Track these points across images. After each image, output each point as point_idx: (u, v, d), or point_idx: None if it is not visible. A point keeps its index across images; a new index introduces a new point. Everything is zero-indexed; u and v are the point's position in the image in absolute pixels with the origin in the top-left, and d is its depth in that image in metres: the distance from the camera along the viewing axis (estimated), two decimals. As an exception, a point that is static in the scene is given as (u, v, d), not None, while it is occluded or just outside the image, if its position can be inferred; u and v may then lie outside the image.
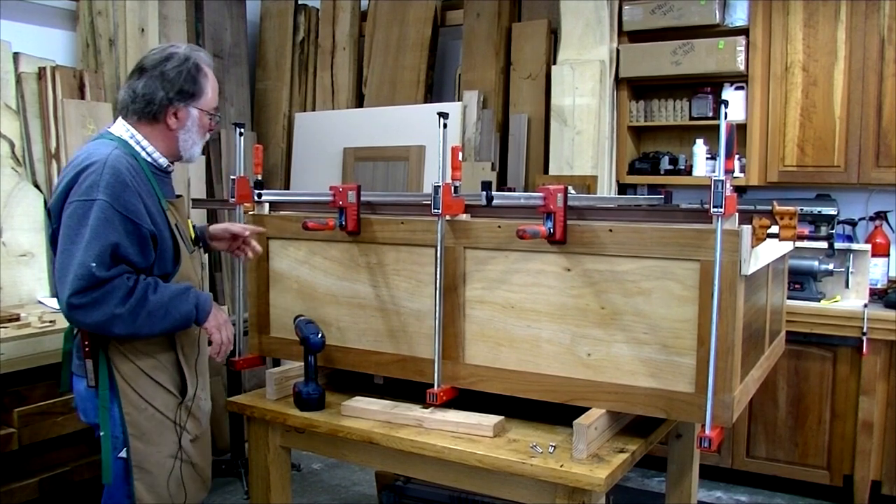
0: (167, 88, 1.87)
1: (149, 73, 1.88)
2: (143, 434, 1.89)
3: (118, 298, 1.75)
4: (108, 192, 1.76)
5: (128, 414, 1.86)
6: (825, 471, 3.48)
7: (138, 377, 1.87)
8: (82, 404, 1.94)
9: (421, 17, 4.72)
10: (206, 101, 1.94)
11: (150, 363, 1.88)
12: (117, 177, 1.78)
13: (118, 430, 1.86)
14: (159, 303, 1.81)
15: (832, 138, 3.68)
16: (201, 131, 1.97)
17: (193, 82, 1.90)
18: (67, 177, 1.80)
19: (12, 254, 3.31)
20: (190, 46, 1.97)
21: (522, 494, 1.82)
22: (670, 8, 3.95)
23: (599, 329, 1.86)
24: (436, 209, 1.95)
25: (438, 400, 2.00)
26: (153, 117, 1.90)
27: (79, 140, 3.57)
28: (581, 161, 4.12)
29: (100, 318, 1.74)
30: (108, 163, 1.79)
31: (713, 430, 1.71)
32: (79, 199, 1.75)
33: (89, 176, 1.77)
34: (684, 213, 2.05)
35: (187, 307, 1.87)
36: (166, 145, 1.94)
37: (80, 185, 1.76)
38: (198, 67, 1.91)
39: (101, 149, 1.83)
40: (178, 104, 1.89)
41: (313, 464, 3.98)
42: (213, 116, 1.98)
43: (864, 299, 3.47)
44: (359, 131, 4.63)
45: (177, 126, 1.91)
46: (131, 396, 1.86)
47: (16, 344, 2.51)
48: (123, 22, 3.92)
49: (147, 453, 1.89)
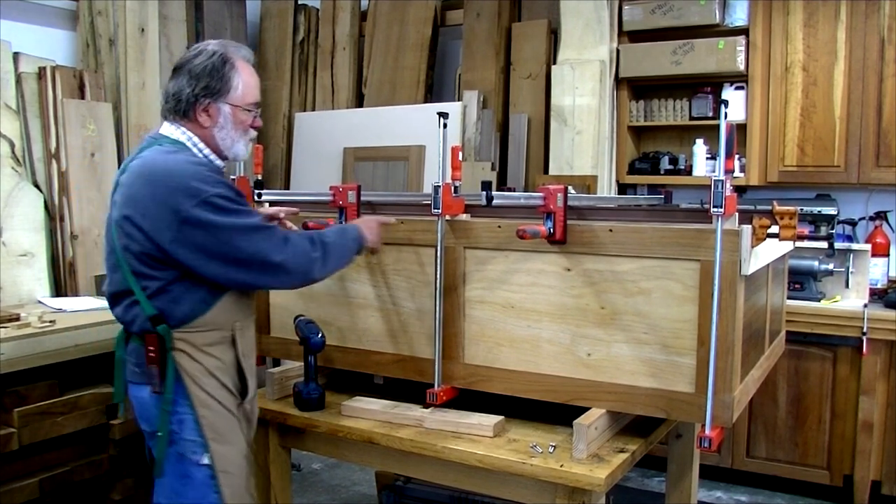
0: (192, 84, 1.81)
1: (178, 72, 1.83)
2: (221, 435, 1.82)
3: (307, 245, 1.81)
4: (215, 183, 1.73)
5: (203, 416, 1.79)
6: (825, 471, 3.47)
7: (205, 377, 1.80)
8: (145, 412, 1.86)
9: (421, 17, 4.72)
10: (237, 96, 1.84)
11: (213, 363, 1.82)
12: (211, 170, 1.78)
13: (195, 435, 1.79)
14: (334, 244, 1.88)
15: (832, 138, 3.68)
16: (240, 128, 1.87)
17: (220, 77, 1.81)
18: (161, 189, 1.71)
19: (12, 254, 3.31)
20: (224, 42, 1.89)
21: (522, 494, 1.83)
22: (670, 8, 3.95)
23: (599, 329, 1.86)
24: (436, 209, 1.95)
25: (438, 400, 2.00)
26: (185, 115, 1.83)
27: (79, 140, 3.58)
28: (581, 161, 4.12)
29: (309, 268, 1.81)
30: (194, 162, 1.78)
31: (713, 430, 1.71)
32: (194, 204, 1.69)
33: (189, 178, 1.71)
34: (684, 213, 2.05)
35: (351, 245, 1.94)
36: (208, 144, 1.87)
37: (186, 190, 1.70)
38: (225, 61, 1.82)
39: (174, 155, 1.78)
40: (205, 100, 1.82)
41: (313, 464, 3.98)
42: (251, 112, 1.89)
43: (864, 299, 3.47)
44: (359, 131, 4.63)
45: (210, 124, 1.84)
46: (202, 397, 1.80)
47: (16, 344, 2.50)
48: (123, 22, 3.92)
49: (227, 455, 1.83)
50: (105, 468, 2.78)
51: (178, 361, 1.78)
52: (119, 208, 1.77)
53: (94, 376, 2.81)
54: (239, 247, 1.72)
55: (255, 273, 1.76)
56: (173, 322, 1.77)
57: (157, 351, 1.77)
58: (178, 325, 1.77)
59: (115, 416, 2.78)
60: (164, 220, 1.70)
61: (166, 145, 1.82)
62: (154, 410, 1.82)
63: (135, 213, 1.73)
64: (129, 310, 1.80)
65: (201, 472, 1.81)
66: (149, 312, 1.76)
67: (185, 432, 1.79)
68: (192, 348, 1.79)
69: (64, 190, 3.53)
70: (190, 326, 1.78)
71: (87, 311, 2.97)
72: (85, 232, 3.58)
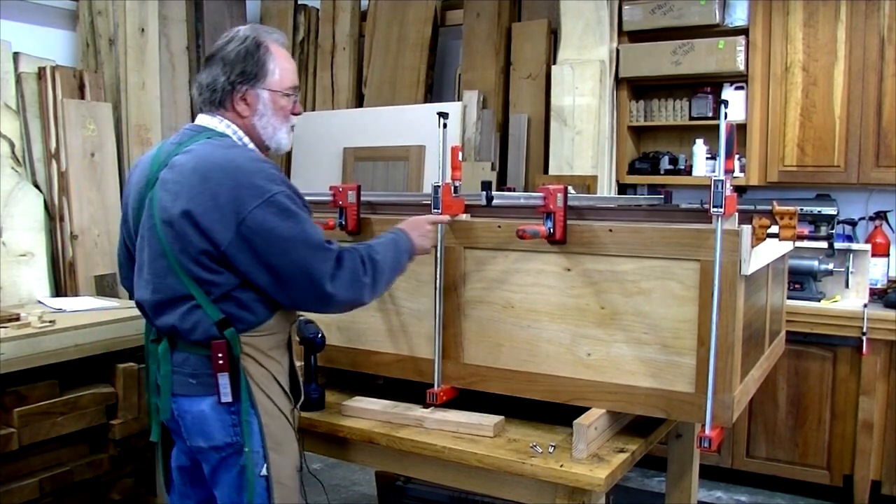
0: (227, 72, 1.70)
1: (211, 61, 1.73)
2: (279, 444, 1.72)
3: (359, 269, 1.69)
4: (279, 181, 1.64)
5: (266, 425, 1.69)
6: (825, 471, 3.47)
7: (270, 383, 1.72)
8: (203, 426, 1.70)
9: (421, 17, 4.72)
10: (274, 80, 1.74)
11: (276, 367, 1.73)
12: (272, 166, 1.67)
13: (259, 444, 1.69)
14: (384, 262, 1.76)
15: (832, 138, 3.68)
16: (280, 114, 1.77)
17: (255, 61, 1.71)
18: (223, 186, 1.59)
19: (12, 254, 3.31)
20: (256, 26, 1.78)
21: (522, 494, 1.82)
22: (670, 8, 3.95)
23: (599, 329, 1.86)
24: (436, 209, 1.95)
25: (438, 400, 2.00)
26: (222, 105, 1.73)
27: (79, 140, 3.58)
28: (581, 161, 4.12)
29: (358, 293, 1.68)
30: (254, 158, 1.68)
31: (713, 430, 1.71)
32: (261, 200, 1.59)
33: (253, 176, 1.61)
34: (684, 213, 2.05)
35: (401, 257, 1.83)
36: (250, 135, 1.77)
37: (250, 188, 1.59)
38: (258, 44, 1.72)
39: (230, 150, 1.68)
40: (242, 87, 1.71)
41: (313, 464, 3.98)
42: (290, 96, 1.78)
43: (864, 299, 3.47)
44: (359, 131, 4.63)
45: (248, 112, 1.74)
46: (266, 405, 1.70)
47: (16, 344, 2.50)
48: (123, 22, 3.92)
49: (283, 465, 1.74)
50: (105, 468, 2.78)
51: (246, 367, 1.67)
52: (169, 206, 1.63)
53: (94, 376, 2.81)
54: (295, 261, 1.61)
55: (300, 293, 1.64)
56: (241, 326, 1.67)
57: (226, 358, 1.65)
58: (246, 330, 1.68)
59: (115, 416, 2.78)
60: (225, 221, 1.59)
61: (215, 138, 1.71)
62: (215, 423, 1.69)
63: (194, 211, 1.60)
64: (188, 316, 1.66)
65: (259, 484, 1.70)
66: (215, 317, 1.64)
67: (249, 443, 1.68)
68: (259, 353, 1.69)
69: (64, 190, 3.53)
70: (256, 331, 1.69)
71: (87, 311, 2.97)
72: (85, 232, 3.58)
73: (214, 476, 1.75)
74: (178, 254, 1.63)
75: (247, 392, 1.67)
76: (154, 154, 1.76)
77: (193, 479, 1.86)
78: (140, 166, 1.79)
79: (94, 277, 3.58)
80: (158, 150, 1.77)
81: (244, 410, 1.67)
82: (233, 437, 1.69)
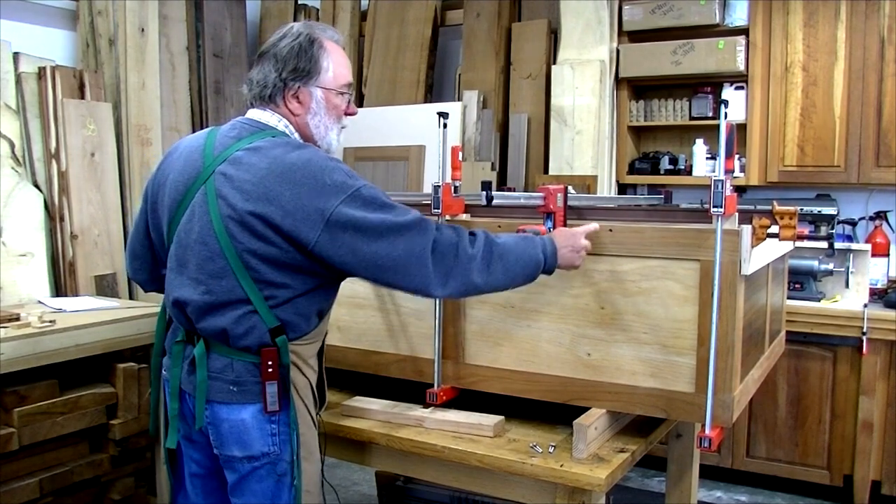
0: (279, 68, 1.66)
1: (263, 57, 1.69)
2: (310, 453, 1.70)
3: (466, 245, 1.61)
4: (354, 176, 1.60)
5: (302, 434, 1.66)
6: (825, 471, 3.47)
7: (308, 391, 1.69)
8: (241, 436, 1.64)
9: (421, 17, 4.72)
10: (328, 78, 1.69)
11: (313, 375, 1.71)
12: (342, 162, 1.63)
13: (293, 454, 1.66)
14: (503, 246, 1.65)
15: (832, 138, 3.68)
16: (333, 113, 1.72)
17: (309, 58, 1.66)
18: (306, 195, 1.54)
19: (12, 254, 3.31)
20: (310, 23, 1.73)
21: (522, 494, 1.82)
22: (670, 8, 3.95)
23: (599, 329, 1.86)
24: (436, 209, 1.95)
25: (438, 400, 2.00)
26: (273, 102, 1.69)
27: (79, 140, 3.58)
28: (581, 161, 4.12)
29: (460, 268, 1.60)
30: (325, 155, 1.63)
31: (713, 429, 1.71)
32: (342, 200, 1.54)
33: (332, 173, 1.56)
34: (684, 213, 2.05)
35: (533, 253, 1.69)
36: (302, 135, 1.72)
37: (331, 188, 1.55)
38: (312, 41, 1.67)
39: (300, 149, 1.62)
40: (294, 84, 1.67)
41: (313, 464, 3.98)
42: (345, 95, 1.73)
43: (864, 299, 3.47)
44: (359, 131, 4.62)
45: (301, 111, 1.69)
46: (304, 414, 1.67)
47: (16, 344, 2.50)
48: (123, 22, 3.92)
49: (311, 474, 1.71)
50: (105, 468, 2.78)
51: (291, 376, 1.64)
52: (239, 205, 1.56)
53: (94, 376, 2.81)
54: (391, 246, 1.55)
55: (406, 276, 1.58)
56: (294, 335, 1.64)
57: (276, 366, 1.61)
58: (297, 338, 1.65)
59: (115, 416, 2.78)
60: (310, 220, 1.53)
61: (279, 137, 1.66)
62: (256, 432, 1.64)
63: (273, 213, 1.54)
64: (242, 321, 1.60)
65: (290, 495, 1.67)
66: (271, 324, 1.60)
67: (285, 452, 1.66)
68: (301, 361, 1.67)
69: (64, 190, 3.53)
70: (302, 338, 1.66)
71: (87, 311, 2.97)
72: (85, 232, 3.58)
73: (242, 485, 1.69)
74: (244, 254, 1.57)
75: (288, 402, 1.64)
76: (203, 144, 1.68)
77: (207, 489, 1.82)
78: (183, 154, 1.71)
79: (94, 277, 3.58)
80: (208, 139, 1.69)
81: (289, 420, 1.64)
82: (270, 447, 1.65)
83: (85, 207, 3.59)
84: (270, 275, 1.58)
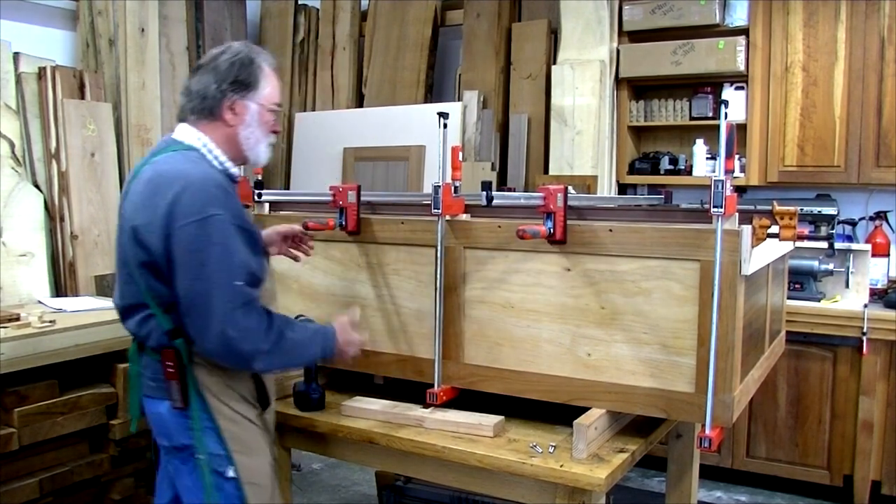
0: (219, 80, 1.76)
1: (202, 69, 1.79)
2: (247, 447, 1.79)
3: (263, 331, 1.68)
4: (220, 205, 1.65)
5: (225, 430, 1.75)
6: (825, 471, 3.47)
7: (225, 390, 1.77)
8: (163, 428, 1.81)
9: (421, 17, 4.72)
10: (263, 95, 1.80)
11: (232, 374, 1.78)
12: (220, 187, 1.69)
13: (219, 448, 1.75)
14: (293, 342, 1.77)
15: (832, 138, 3.68)
16: (264, 128, 1.82)
17: (248, 73, 1.77)
18: (164, 199, 1.64)
19: (12, 254, 3.31)
20: (248, 43, 1.85)
21: (522, 494, 1.83)
22: (670, 8, 3.95)
23: (599, 329, 1.86)
24: (436, 209, 1.95)
25: (438, 400, 2.00)
26: (210, 113, 1.77)
27: (79, 140, 3.58)
28: (581, 161, 4.12)
29: (249, 350, 1.66)
30: (206, 176, 1.70)
31: (713, 430, 1.71)
32: (193, 219, 1.62)
33: (194, 194, 1.64)
34: (684, 213, 2.05)
35: (314, 351, 1.84)
36: (230, 146, 1.81)
37: (186, 205, 1.63)
38: (251, 59, 1.79)
39: (187, 164, 1.71)
40: (233, 96, 1.76)
41: (313, 464, 3.98)
42: (275, 112, 1.84)
43: (864, 299, 3.47)
44: (359, 131, 4.63)
45: (236, 122, 1.78)
46: (224, 410, 1.76)
47: (16, 344, 2.50)
48: (123, 22, 3.92)
49: (254, 467, 1.80)
50: (105, 468, 2.79)
51: (197, 376, 1.73)
52: (130, 218, 1.71)
53: (94, 376, 2.81)
54: (198, 291, 1.63)
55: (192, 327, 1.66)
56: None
57: (175, 366, 1.72)
58: None
59: (115, 416, 2.78)
60: (159, 233, 1.65)
61: (180, 151, 1.76)
62: (172, 426, 1.78)
63: (144, 223, 1.68)
64: (145, 324, 1.75)
65: (229, 485, 1.77)
66: (166, 327, 1.71)
67: (209, 446, 1.75)
68: (210, 363, 1.74)
69: (64, 190, 3.53)
70: None
71: (87, 311, 2.97)
72: (85, 232, 3.58)
73: (178, 477, 1.82)
74: (134, 263, 1.71)
75: (199, 400, 1.74)
76: (138, 164, 1.84)
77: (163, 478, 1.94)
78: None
79: (94, 277, 3.58)
80: (143, 160, 1.84)
81: (195, 417, 1.74)
82: (189, 440, 1.76)
83: (85, 207, 3.59)
84: (153, 281, 1.70)
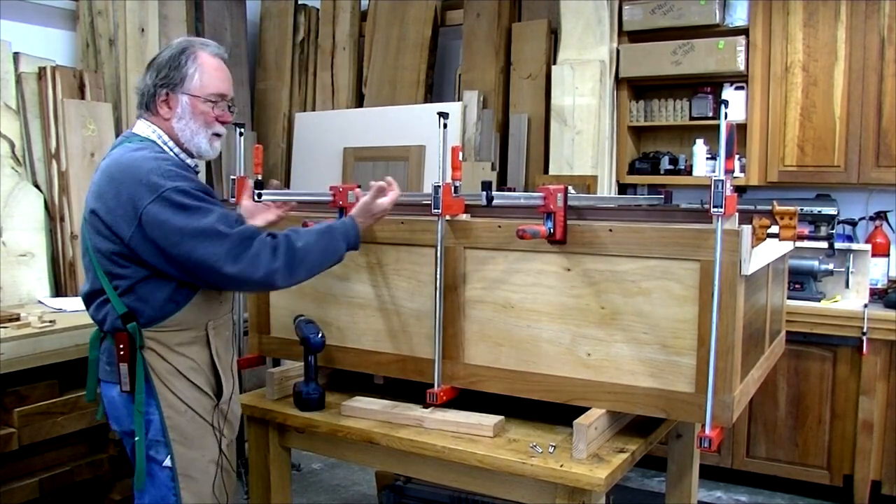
0: (153, 76, 1.82)
1: (147, 68, 1.85)
2: (187, 438, 1.81)
3: (269, 253, 1.74)
4: (180, 178, 1.72)
5: (168, 418, 1.78)
6: (825, 471, 3.47)
7: (175, 378, 1.80)
8: (115, 412, 1.86)
9: (421, 17, 4.72)
10: (193, 86, 1.82)
11: (185, 363, 1.81)
12: (176, 166, 1.76)
13: (159, 435, 1.79)
14: (307, 248, 1.81)
15: (832, 138, 3.68)
16: (199, 120, 1.84)
17: (177, 66, 1.81)
18: (124, 186, 1.71)
19: (12, 254, 3.31)
20: (192, 37, 1.89)
21: (522, 494, 1.83)
22: (670, 8, 3.95)
23: (599, 329, 1.86)
24: (436, 209, 1.95)
25: (438, 400, 2.00)
26: (148, 108, 1.85)
27: (79, 140, 3.58)
28: (581, 161, 4.12)
29: (263, 275, 1.72)
30: (160, 158, 1.75)
31: (713, 430, 1.71)
32: (157, 194, 1.68)
33: (150, 172, 1.70)
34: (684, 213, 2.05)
35: (337, 245, 1.89)
36: (173, 138, 1.85)
37: (148, 185, 1.69)
38: (186, 52, 1.82)
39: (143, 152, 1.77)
40: (163, 91, 1.81)
41: (313, 464, 3.98)
42: (214, 104, 1.85)
43: (865, 299, 3.47)
44: (359, 131, 4.63)
45: (169, 115, 1.83)
46: (170, 399, 1.79)
47: (16, 344, 2.51)
48: (123, 22, 3.92)
49: (191, 459, 1.82)
50: (105, 468, 2.79)
51: (148, 361, 1.77)
52: (89, 206, 1.78)
53: (94, 376, 2.80)
54: (189, 251, 1.68)
55: (209, 279, 1.73)
56: (143, 320, 1.76)
57: (126, 349, 1.76)
58: (149, 324, 1.77)
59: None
60: (125, 217, 1.70)
61: (135, 142, 1.82)
62: (122, 409, 1.83)
63: (100, 209, 1.74)
64: (101, 308, 1.80)
65: (163, 473, 1.80)
66: (119, 311, 1.75)
67: (150, 432, 1.79)
68: (164, 348, 1.78)
69: (64, 190, 3.53)
70: (161, 326, 1.77)
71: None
72: (85, 232, 3.58)
73: (133, 460, 1.84)
74: (94, 250, 1.78)
75: (144, 384, 1.77)
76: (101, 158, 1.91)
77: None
78: None
79: (94, 277, 3.58)
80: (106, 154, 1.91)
81: (138, 401, 1.77)
82: (132, 426, 1.80)
83: (85, 207, 3.59)
84: (110, 266, 1.76)
